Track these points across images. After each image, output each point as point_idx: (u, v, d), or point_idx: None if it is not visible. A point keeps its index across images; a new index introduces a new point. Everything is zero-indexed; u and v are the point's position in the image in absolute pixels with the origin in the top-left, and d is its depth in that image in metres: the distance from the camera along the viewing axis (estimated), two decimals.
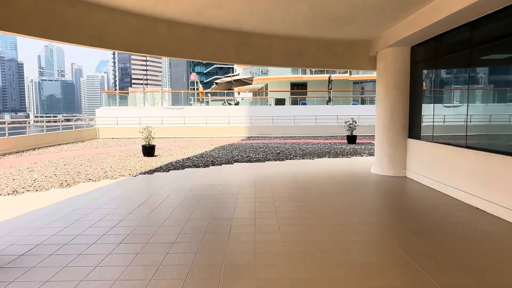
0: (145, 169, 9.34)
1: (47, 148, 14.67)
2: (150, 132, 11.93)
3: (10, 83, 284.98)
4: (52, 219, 5.05)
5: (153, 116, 21.02)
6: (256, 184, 7.46)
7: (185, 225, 4.74)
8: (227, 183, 7.55)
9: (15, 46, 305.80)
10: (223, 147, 15.11)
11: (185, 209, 5.54)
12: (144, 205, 5.76)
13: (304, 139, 18.94)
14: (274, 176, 8.48)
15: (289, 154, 12.56)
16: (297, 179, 8.11)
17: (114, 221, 4.92)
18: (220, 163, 10.42)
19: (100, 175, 8.51)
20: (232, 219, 4.97)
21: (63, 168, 9.57)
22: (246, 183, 7.54)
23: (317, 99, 30.59)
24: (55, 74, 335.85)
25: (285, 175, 8.64)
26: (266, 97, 35.17)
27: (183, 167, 9.78)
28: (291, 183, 7.60)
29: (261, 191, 6.74)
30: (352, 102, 31.72)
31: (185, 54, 7.26)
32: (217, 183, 7.64)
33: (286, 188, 7.12)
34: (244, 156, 11.91)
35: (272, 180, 7.94)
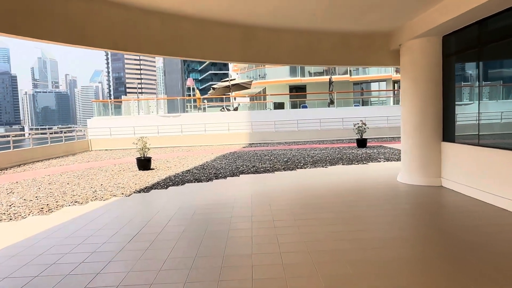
0: (140, 186, 8.22)
1: (34, 164, 13.50)
2: (145, 143, 10.82)
3: (4, 96, 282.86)
4: (18, 263, 3.93)
5: (149, 125, 19.90)
6: (271, 202, 6.36)
7: (192, 267, 3.64)
8: (236, 202, 6.45)
9: (8, 58, 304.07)
10: (224, 156, 14.02)
11: (190, 242, 4.43)
12: (138, 238, 4.65)
13: (310, 144, 17.88)
14: (288, 191, 7.38)
15: (298, 162, 11.48)
16: (316, 193, 7.02)
17: (99, 264, 3.80)
18: (224, 176, 9.32)
19: (88, 195, 7.39)
20: (251, 257, 3.86)
21: (47, 188, 8.43)
22: (258, 201, 6.44)
23: (317, 102, 29.64)
24: (49, 86, 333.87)
25: (301, 189, 7.54)
26: (265, 101, 34.18)
27: (183, 181, 8.67)
28: (311, 199, 6.51)
29: (279, 212, 5.65)
30: (354, 104, 30.81)
31: (182, 52, 6.20)
32: (225, 202, 6.53)
33: (306, 206, 6.02)
34: (249, 166, 10.82)
35: (287, 197, 6.85)
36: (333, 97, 27.70)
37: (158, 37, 5.98)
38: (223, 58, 6.75)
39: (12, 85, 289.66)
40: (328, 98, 27.99)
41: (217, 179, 8.95)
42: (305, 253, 3.89)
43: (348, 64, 8.16)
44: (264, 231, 4.73)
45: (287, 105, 28.58)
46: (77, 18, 4.91)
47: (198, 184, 8.38)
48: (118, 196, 7.27)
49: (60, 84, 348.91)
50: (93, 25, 5.12)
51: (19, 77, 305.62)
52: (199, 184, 8.38)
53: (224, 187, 8.02)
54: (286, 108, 27.48)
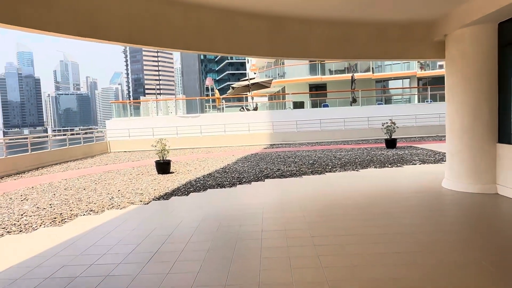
0: (160, 192, 7.68)
1: (52, 167, 13.22)
2: (164, 145, 10.30)
3: (28, 98, 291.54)
4: (23, 286, 3.40)
5: (167, 126, 19.49)
6: (304, 212, 5.68)
7: None
8: (266, 212, 5.80)
9: (31, 62, 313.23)
10: (246, 158, 13.40)
11: (218, 264, 3.81)
12: (158, 258, 4.05)
13: (334, 145, 17.08)
14: (321, 198, 6.68)
15: (325, 164, 10.74)
16: (353, 202, 6.30)
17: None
18: (248, 180, 8.69)
19: (104, 203, 6.88)
20: (292, 286, 3.20)
21: (62, 194, 7.99)
22: (289, 211, 5.78)
23: (339, 101, 28.75)
24: (71, 88, 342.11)
25: (335, 196, 6.83)
26: (284, 100, 33.50)
27: (205, 187, 8.08)
28: (349, 209, 5.79)
29: (315, 225, 4.97)
30: (377, 102, 29.76)
31: (205, 46, 5.59)
32: (253, 211, 5.89)
33: (345, 218, 5.31)
34: (274, 170, 10.16)
35: (321, 205, 6.15)
36: (356, 96, 26.76)
37: (179, 29, 5.39)
38: (249, 52, 6.12)
39: (35, 88, 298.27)
40: (351, 97, 27.04)
41: (241, 184, 8.33)
42: (358, 282, 3.21)
43: (386, 58, 7.39)
44: (302, 250, 4.06)
45: (307, 104, 27.84)
46: (87, 8, 4.36)
47: (221, 190, 7.77)
48: (136, 204, 6.74)
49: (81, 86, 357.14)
50: (106, 16, 4.56)
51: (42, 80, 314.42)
52: (222, 190, 7.77)
53: (249, 193, 7.39)
54: (306, 107, 26.72)
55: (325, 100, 29.83)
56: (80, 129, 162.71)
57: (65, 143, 16.70)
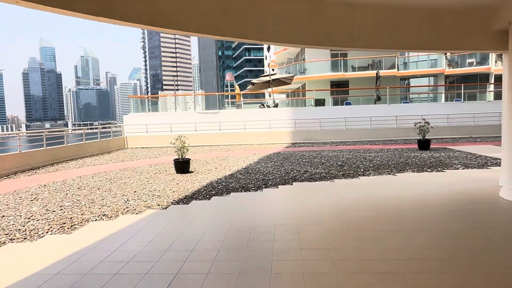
0: (179, 195, 7.01)
1: (67, 163, 12.78)
2: (183, 143, 9.65)
3: (49, 93, 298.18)
4: None
5: (186, 122, 18.89)
6: (346, 225, 4.89)
7: None
8: (302, 225, 5.04)
9: (53, 57, 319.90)
10: (269, 157, 12.64)
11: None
12: (177, 284, 3.34)
13: (360, 145, 16.14)
14: (360, 208, 5.87)
15: (356, 167, 9.89)
16: (403, 214, 5.47)
17: None
18: (274, 183, 7.94)
19: (119, 206, 6.25)
20: None
21: (75, 194, 7.42)
22: (329, 223, 5.00)
23: (362, 98, 27.73)
24: (91, 83, 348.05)
25: (377, 206, 6.00)
26: (305, 97, 32.60)
27: (228, 190, 7.37)
28: (399, 224, 4.97)
29: (363, 242, 4.18)
30: (402, 101, 28.58)
31: (236, 32, 4.85)
32: (286, 222, 5.14)
33: (396, 235, 4.50)
34: (301, 171, 9.38)
35: (364, 218, 5.34)
36: (380, 93, 25.68)
37: (207, 12, 4.66)
38: (284, 40, 5.35)
39: (57, 83, 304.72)
40: (375, 94, 25.94)
41: (267, 187, 7.58)
42: None
43: (437, 48, 6.51)
44: (355, 278, 3.28)
45: (328, 102, 26.92)
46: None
47: (245, 194, 7.05)
48: (153, 208, 6.08)
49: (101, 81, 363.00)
50: None
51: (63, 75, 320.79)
52: (247, 194, 7.04)
53: (278, 199, 6.64)
54: (328, 104, 25.81)
55: (347, 97, 28.90)
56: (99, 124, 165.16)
57: (89, 137, 16.36)
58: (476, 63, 31.28)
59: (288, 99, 36.62)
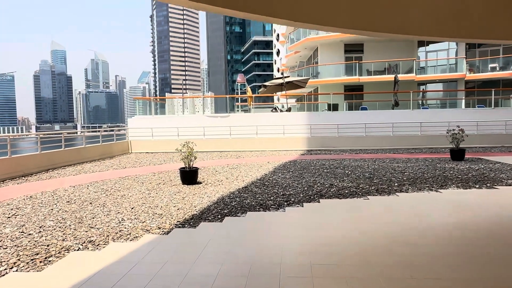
0: (185, 214, 5.80)
1: (65, 169, 11.67)
2: (191, 150, 8.46)
3: (60, 95, 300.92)
4: None
5: (194, 126, 17.74)
6: (407, 266, 3.64)
7: None
8: (345, 267, 3.78)
9: (64, 60, 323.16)
10: (285, 166, 11.40)
11: None
12: None
13: (382, 154, 14.81)
14: (422, 242, 4.59)
15: (388, 180, 8.60)
16: (487, 252, 4.19)
17: None
18: (298, 200, 6.70)
19: (110, 229, 5.06)
20: None
21: (62, 209, 6.26)
22: (385, 264, 3.74)
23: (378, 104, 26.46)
24: (101, 86, 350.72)
25: (443, 237, 4.72)
26: (317, 102, 31.37)
27: (244, 208, 6.15)
28: (480, 261, 3.70)
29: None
30: (422, 107, 27.20)
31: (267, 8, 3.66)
32: (323, 260, 3.89)
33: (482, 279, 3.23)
34: (325, 185, 8.12)
35: (427, 253, 4.07)
36: (398, 98, 24.40)
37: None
38: (322, 22, 4.13)
39: (67, 85, 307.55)
40: (393, 100, 24.62)
41: (290, 205, 6.34)
42: None
43: (507, 38, 5.24)
44: None
45: (342, 107, 25.70)
46: None
47: (265, 214, 5.81)
48: (152, 232, 4.88)
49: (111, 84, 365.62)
50: None
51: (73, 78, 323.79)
52: (267, 214, 5.80)
53: (308, 223, 5.38)
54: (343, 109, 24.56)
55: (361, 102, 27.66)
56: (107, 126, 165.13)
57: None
58: (499, 68, 29.78)
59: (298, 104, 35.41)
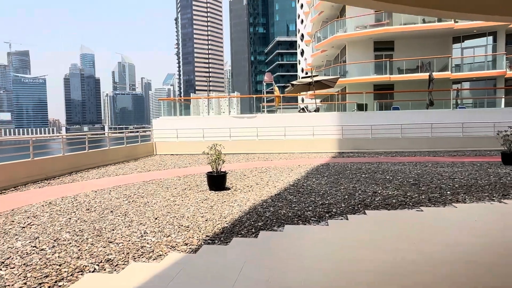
0: (214, 227, 5.14)
1: (89, 172, 11.31)
2: (219, 153, 7.81)
3: (88, 97, 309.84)
4: None
5: (220, 127, 17.19)
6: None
7: None
8: None
9: (93, 63, 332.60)
10: (318, 170, 10.59)
11: None
12: None
13: (421, 157, 13.73)
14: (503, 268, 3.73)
15: (436, 187, 7.66)
16: None
17: None
18: (340, 210, 5.90)
19: (131, 244, 4.45)
20: None
21: (80, 218, 5.73)
22: None
23: (411, 103, 25.13)
24: (127, 88, 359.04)
25: None
26: (345, 102, 30.23)
27: (279, 219, 5.43)
28: None
29: None
30: (459, 106, 25.66)
31: None
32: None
33: None
34: (367, 192, 7.28)
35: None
36: (433, 98, 23.05)
37: None
38: None
39: (95, 88, 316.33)
40: (427, 99, 23.27)
41: (332, 217, 5.56)
42: None
43: None
44: None
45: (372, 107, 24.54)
46: None
47: (305, 228, 5.06)
48: (178, 250, 4.24)
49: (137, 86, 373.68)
50: None
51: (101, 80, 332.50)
52: (308, 228, 5.05)
53: (359, 241, 4.57)
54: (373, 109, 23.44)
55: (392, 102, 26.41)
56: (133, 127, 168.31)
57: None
58: None
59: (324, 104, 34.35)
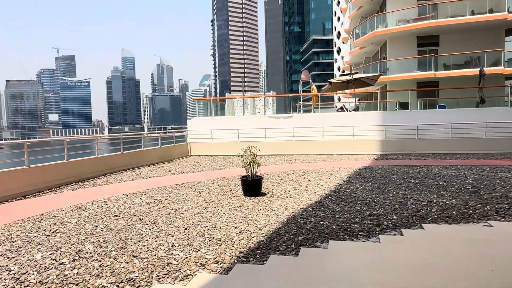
0: (249, 240, 4.58)
1: (122, 173, 11.16)
2: (254, 156, 7.25)
3: (129, 99, 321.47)
4: None
5: (255, 127, 16.68)
6: None
7: None
8: None
9: (133, 66, 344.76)
10: (360, 174, 9.78)
11: None
12: None
13: (477, 159, 12.46)
14: None
15: (501, 195, 6.65)
16: None
17: None
18: (392, 223, 5.15)
19: (156, 261, 3.99)
20: None
21: (107, 226, 5.38)
22: None
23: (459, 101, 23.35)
24: (165, 89, 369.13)
25: None
26: (385, 100, 28.74)
27: (322, 233, 4.77)
28: None
29: None
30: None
31: None
32: None
33: None
34: (420, 201, 6.43)
35: None
36: (484, 95, 21.24)
37: None
38: None
39: (135, 89, 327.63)
40: (478, 96, 21.49)
41: (383, 231, 4.83)
42: None
43: None
44: None
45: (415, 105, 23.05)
46: None
47: (354, 245, 4.37)
48: (207, 269, 3.71)
49: (174, 88, 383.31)
50: None
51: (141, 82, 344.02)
52: (357, 246, 4.35)
53: (422, 266, 3.84)
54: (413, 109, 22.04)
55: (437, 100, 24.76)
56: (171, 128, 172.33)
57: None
58: None
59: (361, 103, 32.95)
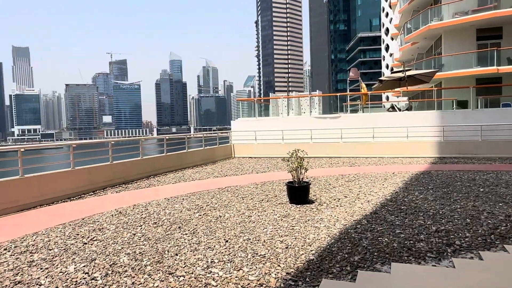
0: (296, 259, 4.03)
1: (166, 175, 11.04)
2: (301, 160, 6.68)
3: (176, 100, 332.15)
4: None
5: (300, 128, 16.03)
6: None
7: None
8: None
9: (180, 69, 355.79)
10: (418, 180, 8.84)
11: None
12: None
13: None
14: None
15: None
16: None
17: None
18: (465, 242, 4.36)
19: (193, 279, 3.57)
20: None
21: (145, 234, 5.08)
22: None
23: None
24: (211, 91, 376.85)
25: None
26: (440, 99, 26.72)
27: (382, 253, 4.11)
28: None
29: None
30: None
31: None
32: None
33: None
34: (496, 215, 5.51)
35: None
36: None
37: None
38: None
39: (182, 91, 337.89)
40: None
41: (457, 254, 4.06)
42: None
43: None
44: None
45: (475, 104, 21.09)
46: None
47: (422, 269, 3.67)
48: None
49: (219, 89, 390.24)
50: None
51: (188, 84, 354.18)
52: (426, 270, 3.66)
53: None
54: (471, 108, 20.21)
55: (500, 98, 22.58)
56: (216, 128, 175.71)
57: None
58: None
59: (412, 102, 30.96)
